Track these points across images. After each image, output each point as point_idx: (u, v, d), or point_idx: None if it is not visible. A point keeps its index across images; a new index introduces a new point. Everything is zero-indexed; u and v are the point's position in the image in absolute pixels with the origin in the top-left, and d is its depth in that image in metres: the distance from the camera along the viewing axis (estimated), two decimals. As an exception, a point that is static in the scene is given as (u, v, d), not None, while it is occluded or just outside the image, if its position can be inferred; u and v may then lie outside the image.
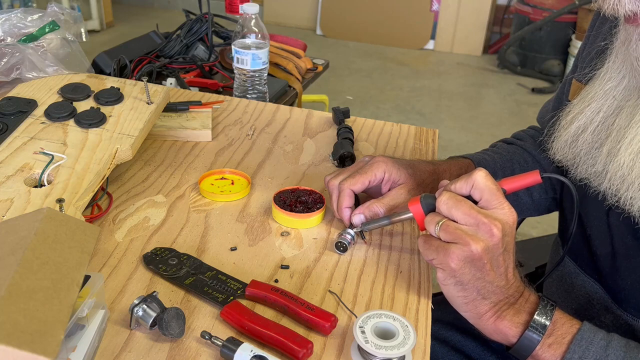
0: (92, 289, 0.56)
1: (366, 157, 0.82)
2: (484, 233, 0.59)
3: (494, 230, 0.59)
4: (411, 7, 4.28)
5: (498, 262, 0.61)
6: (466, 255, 0.59)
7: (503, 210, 0.61)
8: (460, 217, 0.60)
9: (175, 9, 4.94)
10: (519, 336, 0.63)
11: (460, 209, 0.60)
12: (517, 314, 0.64)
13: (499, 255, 0.60)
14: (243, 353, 0.56)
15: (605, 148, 0.66)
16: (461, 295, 0.63)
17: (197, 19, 1.47)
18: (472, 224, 0.60)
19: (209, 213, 0.81)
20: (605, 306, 0.75)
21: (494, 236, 0.59)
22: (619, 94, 0.67)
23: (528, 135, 0.96)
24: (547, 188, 0.91)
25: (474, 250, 0.59)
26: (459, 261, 0.60)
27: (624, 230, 0.70)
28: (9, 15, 1.12)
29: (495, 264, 0.61)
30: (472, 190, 0.62)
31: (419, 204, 0.66)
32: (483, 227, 0.59)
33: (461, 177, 0.63)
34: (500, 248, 0.60)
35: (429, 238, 0.63)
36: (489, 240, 0.59)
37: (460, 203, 0.61)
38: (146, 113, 0.90)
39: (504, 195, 0.62)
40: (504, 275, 0.62)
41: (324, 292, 0.68)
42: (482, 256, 0.59)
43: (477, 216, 0.59)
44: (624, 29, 0.63)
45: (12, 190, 0.72)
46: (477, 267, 0.60)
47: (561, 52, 3.91)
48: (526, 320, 0.63)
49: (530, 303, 0.65)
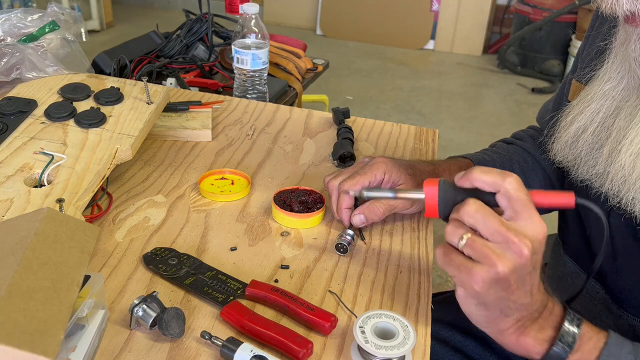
0: (92, 289, 0.56)
1: (366, 157, 0.82)
2: (513, 253, 0.53)
3: (524, 251, 0.53)
4: (411, 7, 4.28)
5: (524, 280, 0.56)
6: (492, 278, 0.54)
7: (534, 224, 0.54)
8: (488, 233, 0.54)
9: (175, 9, 4.94)
10: (544, 353, 0.59)
11: (490, 225, 0.54)
12: (541, 329, 0.60)
13: (527, 274, 0.55)
14: (243, 353, 0.56)
15: (605, 149, 0.66)
16: (483, 315, 0.58)
17: (197, 19, 1.47)
18: (501, 242, 0.54)
19: (209, 213, 0.81)
20: (606, 306, 0.75)
21: (522, 256, 0.53)
22: (618, 95, 0.66)
23: (528, 135, 0.96)
24: (547, 187, 0.91)
25: (500, 272, 0.53)
26: (484, 284, 0.54)
27: (624, 231, 0.70)
28: (9, 15, 1.12)
29: (521, 283, 0.56)
30: (499, 197, 0.55)
31: (436, 188, 0.58)
32: (513, 247, 0.53)
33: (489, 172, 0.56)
34: (529, 267, 0.55)
35: (450, 251, 0.56)
36: (517, 260, 0.54)
37: (489, 218, 0.54)
38: (146, 113, 0.90)
39: (534, 207, 0.55)
40: (529, 293, 0.57)
41: (324, 292, 0.68)
42: (509, 277, 0.54)
43: (507, 234, 0.53)
44: (624, 30, 0.63)
45: (12, 190, 0.72)
46: (502, 288, 0.55)
47: (561, 52, 3.91)
48: (551, 336, 0.59)
49: (555, 316, 0.60)
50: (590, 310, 0.78)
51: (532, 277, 0.56)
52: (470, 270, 0.54)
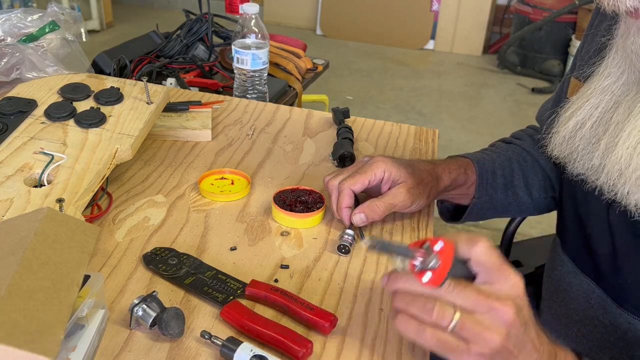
0: (92, 288, 0.56)
1: (365, 157, 0.82)
2: (500, 319, 0.52)
3: (510, 313, 0.52)
4: (411, 7, 4.28)
5: (523, 341, 0.54)
6: (490, 352, 0.52)
7: (510, 283, 0.53)
8: (470, 305, 0.53)
9: (175, 9, 4.94)
10: None
11: (469, 298, 0.52)
12: None
13: (522, 334, 0.53)
14: (243, 353, 0.56)
15: (602, 142, 0.66)
16: None
17: (197, 19, 1.47)
18: (485, 311, 0.52)
19: (208, 213, 0.81)
20: (604, 306, 0.75)
21: (510, 319, 0.52)
22: (618, 90, 0.66)
23: (527, 135, 0.96)
24: (546, 187, 0.91)
25: (498, 344, 0.52)
26: (478, 356, 0.52)
27: (624, 229, 0.70)
28: (9, 15, 1.12)
29: (521, 344, 0.54)
30: (471, 264, 0.54)
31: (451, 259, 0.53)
32: (498, 313, 0.52)
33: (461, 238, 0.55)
34: (520, 327, 0.53)
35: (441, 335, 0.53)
36: (507, 324, 0.52)
37: (466, 291, 0.53)
38: (146, 113, 0.90)
39: (506, 264, 0.54)
40: (532, 350, 0.55)
41: (324, 291, 0.68)
42: (506, 344, 0.52)
43: (488, 301, 0.52)
44: (624, 22, 0.63)
45: (12, 190, 0.72)
46: (504, 357, 0.53)
47: (561, 52, 3.91)
48: None
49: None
50: (587, 310, 0.78)
51: (529, 334, 0.55)
52: (467, 350, 0.52)
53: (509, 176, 0.89)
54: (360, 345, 0.61)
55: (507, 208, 0.91)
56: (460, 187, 0.86)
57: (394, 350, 0.61)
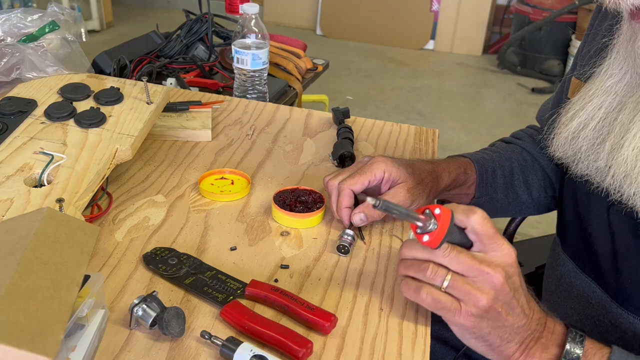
0: (92, 288, 0.56)
1: (365, 157, 0.82)
2: (490, 283, 0.57)
3: (499, 278, 0.57)
4: (411, 7, 4.28)
5: (511, 305, 0.59)
6: (479, 312, 0.57)
7: (502, 252, 0.58)
8: (463, 269, 0.57)
9: (175, 9, 4.94)
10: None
11: (463, 262, 0.57)
12: (545, 349, 0.61)
13: (511, 298, 0.58)
14: (243, 353, 0.56)
15: (608, 144, 0.66)
16: (485, 346, 0.61)
17: (197, 19, 1.47)
18: (477, 275, 0.57)
19: (208, 213, 0.81)
20: (604, 305, 0.75)
21: (499, 284, 0.57)
22: (621, 90, 0.66)
23: (527, 135, 0.96)
24: (546, 186, 0.91)
25: (485, 304, 0.57)
26: (474, 318, 0.58)
27: (625, 228, 0.70)
28: (9, 15, 1.12)
29: (510, 308, 0.59)
30: (468, 232, 0.59)
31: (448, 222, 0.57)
32: (488, 277, 0.57)
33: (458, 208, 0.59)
34: (509, 292, 0.58)
35: (436, 293, 0.58)
36: (496, 288, 0.57)
37: (461, 256, 0.57)
38: (146, 113, 0.90)
39: (500, 235, 0.59)
40: (521, 314, 0.60)
41: (324, 292, 0.68)
42: (494, 306, 0.57)
43: (480, 267, 0.57)
44: (629, 26, 0.62)
45: (12, 190, 0.72)
46: (492, 318, 0.58)
47: (561, 52, 3.91)
48: (556, 354, 0.61)
49: (557, 334, 0.62)
50: (588, 309, 0.78)
51: (518, 299, 0.59)
52: (458, 310, 0.58)
53: (509, 176, 0.89)
54: (360, 345, 0.61)
55: (507, 208, 0.91)
56: (460, 186, 0.86)
57: (394, 350, 0.61)
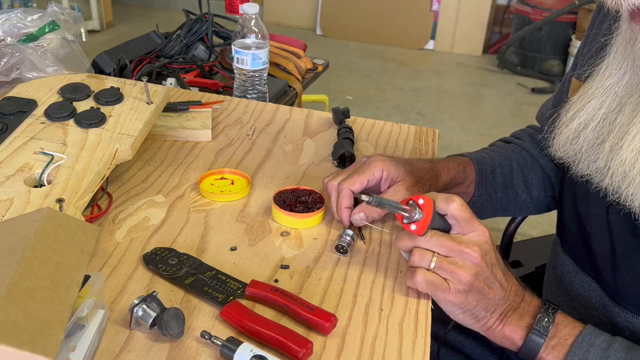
0: (92, 288, 0.56)
1: (364, 157, 0.82)
2: (469, 261, 0.63)
3: (476, 256, 0.63)
4: (411, 7, 4.28)
5: (491, 280, 0.65)
6: (464, 288, 0.63)
7: (477, 232, 0.64)
8: (445, 251, 0.64)
9: (175, 9, 4.94)
10: (524, 339, 0.66)
11: (445, 245, 0.64)
12: (521, 317, 0.67)
13: (489, 273, 0.64)
14: (243, 353, 0.56)
15: (607, 144, 0.66)
16: (471, 318, 0.66)
17: (197, 19, 1.47)
18: (458, 255, 0.64)
19: (208, 213, 0.81)
20: (603, 304, 0.75)
21: (477, 261, 0.63)
22: (621, 90, 0.66)
23: (526, 134, 0.96)
24: (545, 186, 0.91)
25: (469, 280, 0.63)
26: (461, 294, 0.64)
27: (623, 228, 0.70)
28: (9, 15, 1.12)
29: (490, 282, 0.65)
30: (448, 218, 0.65)
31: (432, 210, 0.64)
32: (467, 256, 0.63)
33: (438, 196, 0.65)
34: (487, 267, 0.64)
35: (430, 276, 0.64)
36: (475, 265, 0.63)
37: (442, 239, 0.64)
38: (146, 113, 0.90)
39: (476, 218, 0.65)
40: (500, 287, 0.66)
41: (324, 291, 0.68)
42: (476, 281, 0.63)
43: (459, 247, 0.63)
44: (630, 28, 0.62)
45: (12, 190, 0.72)
46: (476, 292, 0.64)
47: (561, 52, 3.91)
48: (530, 323, 0.66)
49: (533, 306, 0.67)
50: (588, 308, 0.78)
51: (496, 273, 0.65)
52: (448, 288, 0.64)
53: (508, 175, 0.89)
54: (360, 345, 0.61)
55: (507, 207, 0.91)
56: (459, 185, 0.86)
57: (394, 350, 0.61)
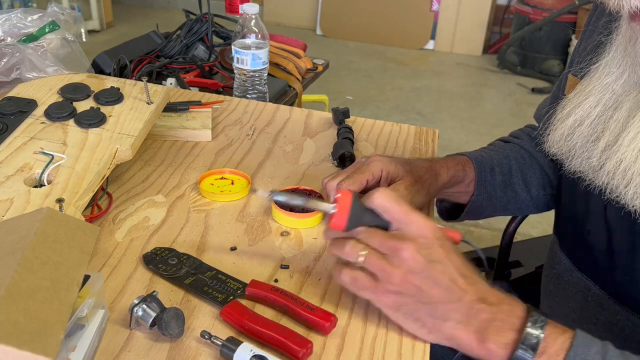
0: (92, 288, 0.56)
1: (363, 157, 0.82)
2: (400, 258, 0.57)
3: (407, 251, 0.56)
4: (411, 7, 4.28)
5: (434, 278, 0.57)
6: (394, 288, 0.57)
7: (415, 225, 0.58)
8: (377, 246, 0.58)
9: (175, 9, 4.94)
10: (508, 358, 0.57)
11: (376, 240, 0.58)
12: (501, 332, 0.57)
13: (429, 271, 0.57)
14: (243, 353, 0.56)
15: (602, 142, 0.66)
16: (421, 327, 0.60)
17: (197, 19, 1.47)
18: (389, 251, 0.58)
19: (208, 213, 0.81)
20: (601, 304, 0.75)
21: (410, 256, 0.57)
22: (618, 88, 0.66)
23: (525, 134, 0.96)
24: (545, 184, 0.91)
25: (399, 279, 0.57)
26: (393, 295, 0.58)
27: (622, 226, 0.69)
28: (9, 15, 1.12)
29: (432, 282, 0.57)
30: (379, 212, 0.59)
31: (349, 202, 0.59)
32: (398, 253, 0.57)
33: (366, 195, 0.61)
34: (425, 264, 0.57)
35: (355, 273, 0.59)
36: (406, 262, 0.57)
37: (373, 234, 0.59)
38: (146, 113, 0.90)
39: (411, 209, 0.59)
40: (453, 288, 0.57)
41: (324, 291, 0.68)
42: (410, 279, 0.57)
43: (389, 242, 0.57)
44: (630, 28, 0.62)
45: (12, 190, 0.72)
46: (413, 293, 0.57)
47: (561, 52, 3.91)
48: (513, 339, 0.57)
49: (515, 317, 0.58)
50: (586, 308, 0.78)
51: (443, 272, 0.57)
52: (376, 287, 0.58)
53: (507, 174, 0.89)
54: (360, 345, 0.61)
55: (506, 206, 0.91)
56: (458, 184, 0.86)
57: (394, 350, 0.61)
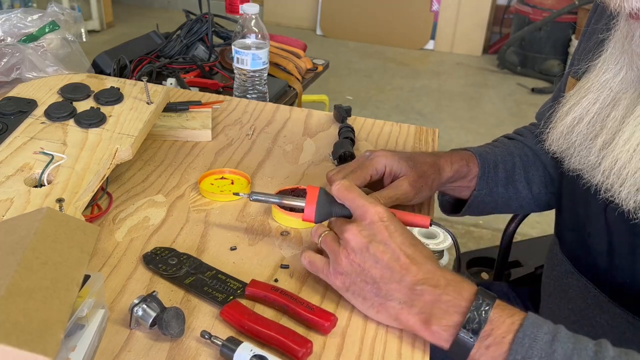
0: (92, 288, 0.56)
1: (367, 152, 0.82)
2: (344, 240, 0.63)
3: (349, 231, 0.62)
4: (411, 7, 4.28)
5: (375, 257, 0.61)
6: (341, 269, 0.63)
7: (360, 210, 0.64)
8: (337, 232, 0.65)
9: (175, 9, 4.94)
10: (452, 340, 0.56)
11: (334, 224, 0.66)
12: (445, 315, 0.57)
13: (370, 251, 0.61)
14: (243, 352, 0.56)
15: (600, 139, 0.66)
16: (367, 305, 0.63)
17: (197, 19, 1.47)
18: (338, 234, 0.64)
19: (208, 213, 0.81)
20: (600, 306, 0.75)
21: (350, 237, 0.62)
22: (616, 86, 0.66)
23: (529, 131, 0.96)
24: (546, 183, 0.91)
25: (343, 260, 0.62)
26: (341, 276, 0.63)
27: (621, 227, 0.69)
28: (9, 15, 1.12)
29: (373, 260, 0.61)
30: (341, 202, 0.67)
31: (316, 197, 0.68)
32: (343, 235, 0.63)
33: None
34: (365, 243, 0.61)
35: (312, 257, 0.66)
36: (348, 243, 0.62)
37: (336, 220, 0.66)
38: (146, 113, 0.90)
39: (360, 196, 0.65)
40: (394, 267, 0.60)
41: (324, 291, 0.68)
42: (352, 259, 0.62)
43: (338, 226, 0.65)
44: (627, 24, 0.62)
45: (12, 190, 0.72)
46: (356, 272, 0.62)
47: (561, 52, 3.91)
48: (457, 322, 0.56)
49: (462, 300, 0.57)
50: (585, 310, 0.78)
51: (384, 251, 0.61)
52: (329, 270, 0.64)
53: (510, 170, 0.89)
54: (360, 345, 0.61)
55: (508, 203, 0.91)
56: (462, 179, 0.86)
57: (394, 350, 0.61)
